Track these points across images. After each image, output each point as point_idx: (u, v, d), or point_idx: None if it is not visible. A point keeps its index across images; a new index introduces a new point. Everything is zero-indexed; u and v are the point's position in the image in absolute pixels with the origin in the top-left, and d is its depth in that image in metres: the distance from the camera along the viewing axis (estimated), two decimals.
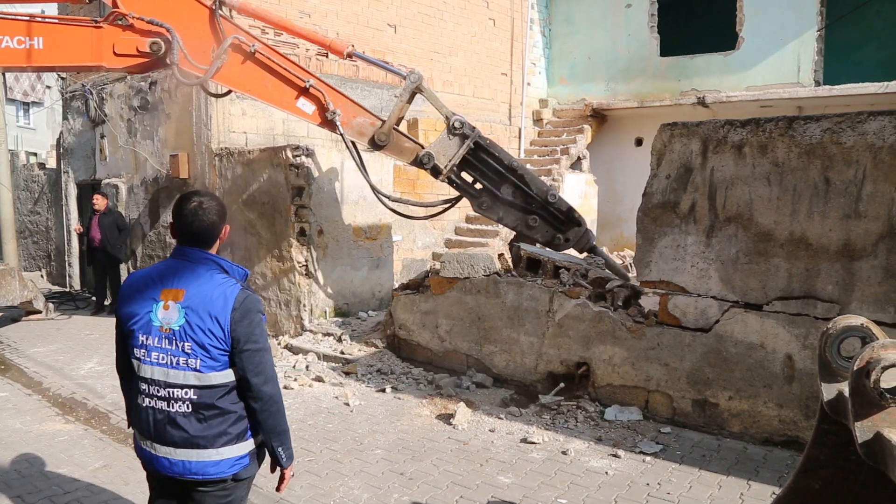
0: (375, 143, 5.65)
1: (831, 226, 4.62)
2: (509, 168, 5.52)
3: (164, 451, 2.43)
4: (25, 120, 32.18)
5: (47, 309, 10.20)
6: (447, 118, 5.46)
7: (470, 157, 5.54)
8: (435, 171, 5.61)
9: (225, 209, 2.62)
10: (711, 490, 4.28)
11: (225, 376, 2.42)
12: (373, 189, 5.83)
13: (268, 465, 2.67)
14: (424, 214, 7.93)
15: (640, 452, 4.83)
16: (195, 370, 2.38)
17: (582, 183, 12.65)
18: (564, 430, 5.30)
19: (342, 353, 7.31)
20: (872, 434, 1.82)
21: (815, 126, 4.66)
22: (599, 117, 14.12)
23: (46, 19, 5.03)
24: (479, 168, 5.60)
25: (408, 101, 5.70)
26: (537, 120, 14.48)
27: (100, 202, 10.25)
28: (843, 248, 4.58)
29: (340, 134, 5.52)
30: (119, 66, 4.99)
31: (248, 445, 2.51)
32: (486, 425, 5.42)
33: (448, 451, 4.97)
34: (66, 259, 12.88)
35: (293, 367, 7.12)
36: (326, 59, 9.91)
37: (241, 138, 9.32)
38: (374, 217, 8.79)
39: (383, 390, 6.29)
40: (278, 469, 2.62)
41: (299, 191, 8.05)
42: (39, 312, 10.05)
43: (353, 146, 5.82)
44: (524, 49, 13.96)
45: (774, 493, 3.92)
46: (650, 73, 13.56)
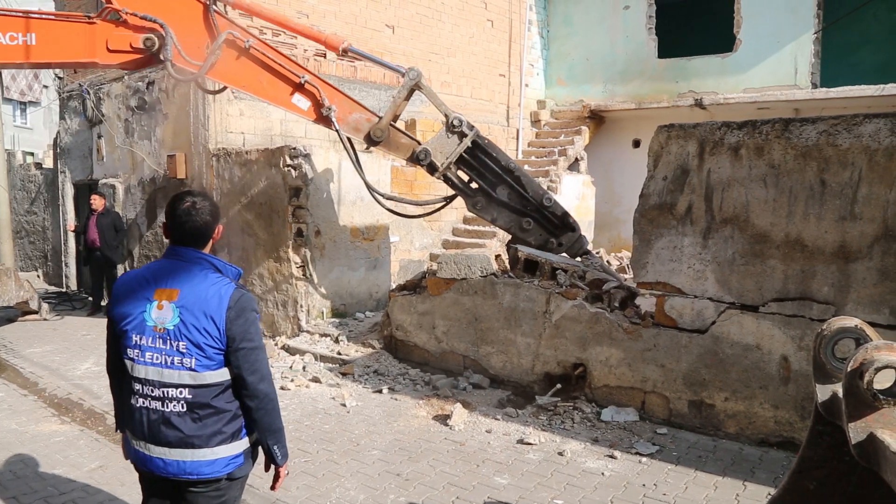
0: (371, 139, 5.62)
1: (827, 227, 4.63)
2: (506, 169, 5.51)
3: (159, 452, 2.43)
4: (22, 119, 32.10)
5: (43, 309, 10.19)
6: (446, 116, 5.44)
7: (467, 156, 5.53)
8: (431, 167, 5.59)
9: (218, 209, 2.63)
10: (707, 491, 4.29)
11: (220, 375, 2.42)
12: (368, 187, 5.81)
13: (262, 466, 2.67)
14: (420, 213, 7.92)
15: (637, 453, 4.84)
16: (190, 369, 2.38)
17: (579, 184, 12.67)
18: (561, 430, 5.30)
19: (339, 353, 7.31)
20: (866, 435, 1.82)
21: (811, 128, 4.67)
22: (597, 119, 14.15)
23: (41, 15, 4.97)
24: (475, 167, 5.59)
25: (406, 99, 5.67)
26: (535, 121, 14.50)
27: (98, 202, 10.24)
28: (838, 249, 4.59)
29: (336, 130, 5.49)
30: (113, 62, 4.95)
31: (242, 444, 2.52)
32: (483, 426, 5.43)
33: (444, 451, 4.97)
34: (63, 259, 12.86)
35: (290, 367, 7.11)
36: (324, 60, 9.92)
37: (239, 139, 9.31)
38: (372, 218, 8.79)
39: (380, 391, 6.29)
40: (273, 467, 2.63)
41: (297, 191, 8.05)
42: (36, 313, 10.03)
43: (350, 143, 5.79)
44: (522, 50, 13.98)
45: (770, 494, 3.92)
46: (648, 75, 13.58)
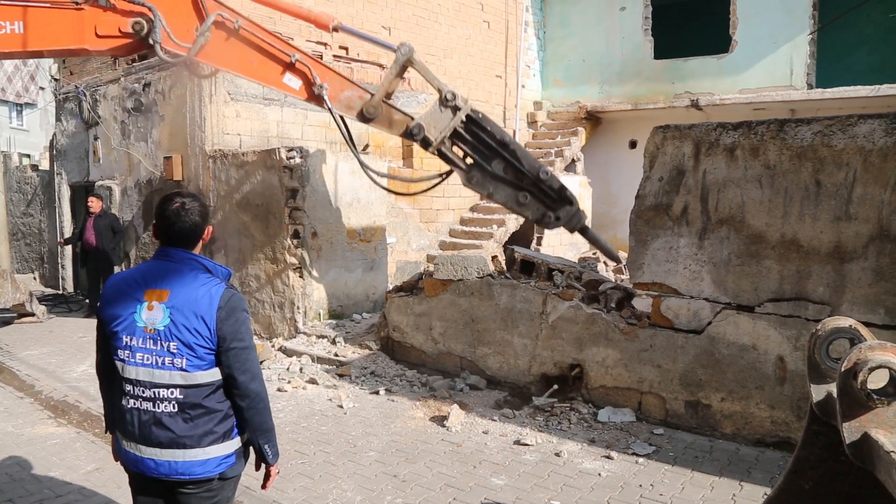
0: (364, 116, 5.58)
1: (822, 228, 4.64)
2: (501, 143, 5.46)
3: (150, 453, 2.43)
4: (18, 121, 32.06)
5: (40, 311, 10.16)
6: (439, 90, 5.41)
7: (461, 130, 5.50)
8: (425, 142, 5.54)
9: (208, 209, 2.63)
10: (704, 491, 4.30)
11: (211, 375, 2.43)
12: (361, 164, 5.77)
13: (256, 467, 2.68)
14: (415, 190, 7.83)
15: (633, 454, 4.84)
16: (181, 370, 2.39)
17: (576, 185, 12.67)
18: (558, 431, 5.30)
19: (336, 355, 7.31)
20: (860, 434, 1.83)
21: (806, 129, 4.69)
22: (594, 119, 14.17)
23: (27, 3, 4.89)
24: (470, 142, 5.53)
25: (398, 75, 5.63)
26: (532, 122, 14.52)
27: (95, 204, 10.22)
28: (833, 250, 4.61)
29: (328, 108, 5.45)
30: (102, 48, 4.87)
31: (234, 444, 2.52)
32: (480, 427, 5.43)
33: (441, 453, 4.97)
34: (60, 261, 12.83)
35: (287, 369, 7.11)
36: (322, 61, 9.91)
37: (236, 140, 9.30)
38: (369, 219, 8.80)
39: (377, 392, 6.29)
40: (263, 467, 2.64)
41: (293, 193, 8.05)
42: (32, 315, 10.00)
43: (343, 121, 5.76)
44: (519, 51, 14.00)
45: (766, 494, 3.93)
46: (644, 76, 13.61)
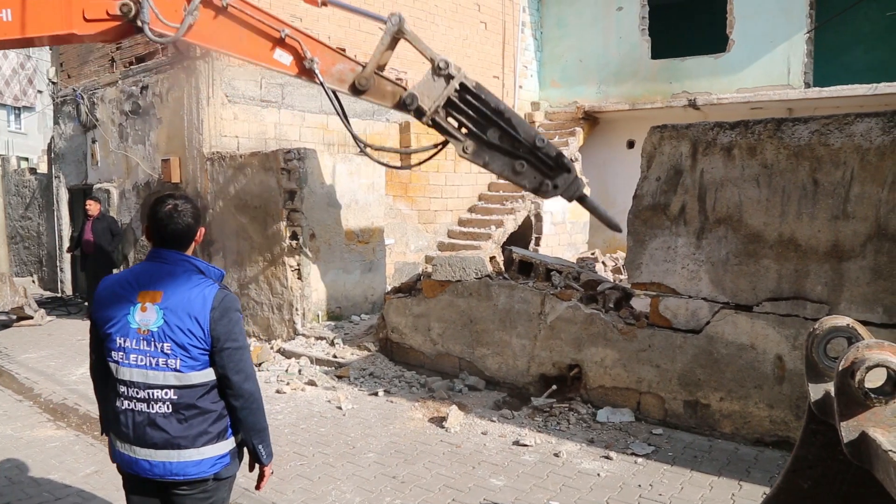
0: (356, 89, 5.53)
1: (820, 227, 4.64)
2: (496, 111, 5.40)
3: (144, 454, 2.43)
4: (17, 125, 32.05)
5: (39, 314, 10.15)
6: (432, 59, 5.37)
7: (455, 100, 5.46)
8: (418, 112, 5.49)
9: (200, 211, 2.64)
10: (703, 491, 4.30)
11: (205, 375, 2.44)
12: (354, 138, 5.73)
13: (250, 467, 2.69)
14: (410, 163, 7.77)
15: (632, 454, 4.84)
16: (175, 370, 2.40)
17: None
18: (557, 432, 5.30)
19: (335, 356, 7.30)
20: (858, 434, 1.83)
21: (804, 128, 4.69)
22: (591, 120, 14.16)
23: None
24: (464, 111, 5.47)
25: (389, 48, 5.58)
26: (529, 122, 14.49)
27: (93, 207, 10.20)
28: (831, 249, 4.61)
29: (320, 82, 5.40)
30: (91, 31, 4.84)
31: (228, 444, 2.53)
32: (479, 428, 5.43)
33: (440, 454, 4.97)
34: (58, 264, 12.82)
35: (286, 371, 7.10)
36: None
37: (233, 142, 9.30)
38: (367, 220, 8.79)
39: (376, 394, 6.29)
40: (257, 467, 2.65)
41: (291, 195, 8.05)
42: (31, 318, 10.00)
43: (335, 96, 5.72)
44: (516, 52, 13.99)
45: (765, 494, 3.93)
46: (641, 76, 13.61)
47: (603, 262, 11.79)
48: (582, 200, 5.95)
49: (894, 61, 11.94)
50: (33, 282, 13.82)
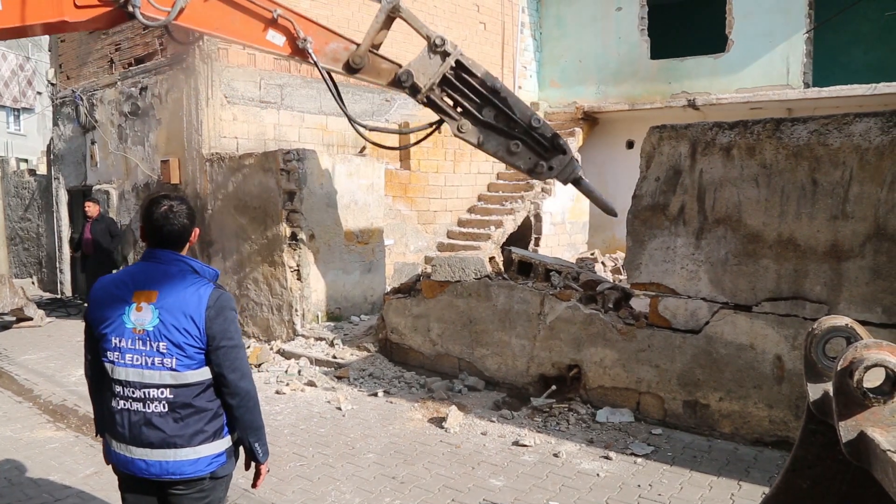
0: (351, 67, 5.49)
1: (819, 227, 4.65)
2: (492, 90, 5.35)
3: (140, 453, 2.44)
4: (16, 126, 32.04)
5: (38, 316, 10.15)
6: (428, 37, 5.33)
7: (451, 77, 5.41)
8: (413, 90, 5.44)
9: (194, 211, 2.66)
10: (702, 491, 4.30)
11: (201, 374, 2.45)
12: (349, 119, 5.70)
13: (246, 465, 2.70)
14: (404, 143, 7.70)
15: (632, 454, 4.84)
16: (171, 369, 2.41)
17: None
18: (556, 432, 5.30)
19: (334, 357, 7.30)
20: (856, 433, 1.83)
21: (803, 128, 4.69)
22: (590, 120, 14.16)
23: None
24: (460, 89, 5.42)
25: (384, 27, 5.54)
26: None
27: (92, 209, 10.20)
28: (830, 248, 4.61)
29: (314, 62, 5.36)
30: (82, 18, 4.79)
31: (224, 443, 2.54)
32: (478, 428, 5.43)
33: (440, 454, 4.97)
34: (58, 266, 12.82)
35: (285, 371, 7.10)
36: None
37: (233, 143, 9.30)
38: (366, 221, 8.80)
39: (375, 394, 6.29)
40: (253, 465, 2.66)
41: (290, 195, 8.05)
42: (30, 319, 9.99)
43: (329, 76, 5.68)
44: (515, 52, 14.01)
45: (765, 493, 3.93)
46: (641, 76, 13.61)
47: (602, 263, 11.79)
48: (577, 183, 5.89)
49: (893, 61, 11.96)
50: (33, 283, 13.82)
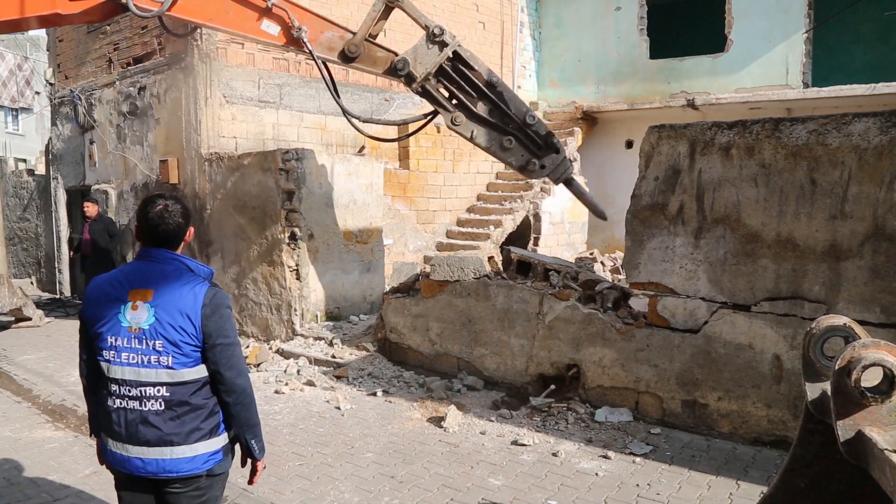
0: (346, 56, 5.46)
1: (818, 227, 4.65)
2: (488, 83, 5.33)
3: (137, 452, 2.45)
4: (14, 126, 32.02)
5: (37, 316, 10.15)
6: (426, 27, 5.31)
7: (447, 68, 5.39)
8: (409, 79, 5.41)
9: (189, 211, 2.67)
10: (701, 490, 4.30)
11: (197, 372, 2.46)
12: (344, 112, 5.67)
13: (242, 462, 2.71)
14: (397, 136, 7.63)
15: (631, 453, 4.85)
16: (167, 367, 2.42)
17: None
18: (555, 431, 5.31)
19: (333, 357, 7.30)
20: (854, 433, 1.84)
21: (801, 128, 4.69)
22: (590, 120, 14.17)
23: None
24: (456, 81, 5.39)
25: (382, 17, 5.50)
26: None
27: (91, 209, 10.20)
28: (829, 248, 4.61)
29: (309, 51, 5.33)
30: (75, 10, 4.76)
31: (221, 440, 2.55)
32: (477, 428, 5.43)
33: (439, 453, 4.97)
34: (57, 266, 12.82)
35: (284, 371, 7.10)
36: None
37: (231, 143, 9.30)
38: (365, 221, 8.80)
39: (374, 394, 6.29)
40: (250, 462, 2.67)
41: (289, 195, 8.05)
42: (29, 319, 9.99)
43: (325, 67, 5.64)
44: (514, 52, 14.00)
45: (763, 493, 3.94)
46: (640, 76, 13.61)
47: (601, 262, 11.80)
48: (569, 184, 5.87)
49: (892, 61, 11.96)
50: (31, 283, 13.81)
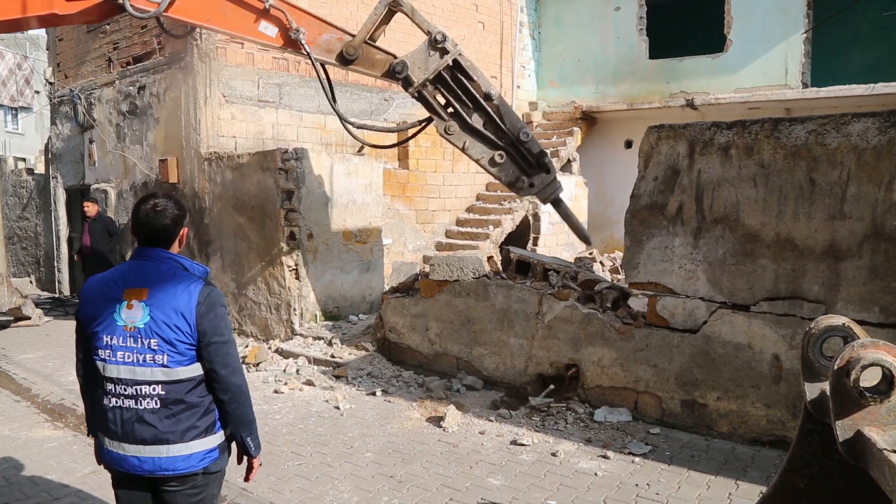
0: (344, 58, 5.44)
1: (817, 227, 4.65)
2: (485, 95, 5.32)
3: (133, 450, 2.46)
4: (14, 125, 32.00)
5: (37, 315, 10.14)
6: (429, 32, 5.30)
7: (446, 76, 5.39)
8: (406, 82, 5.40)
9: (183, 210, 2.65)
10: (700, 490, 4.30)
11: (192, 370, 2.47)
12: (340, 117, 5.65)
13: (238, 459, 2.72)
14: (391, 142, 7.69)
15: (630, 453, 4.85)
16: (162, 366, 2.42)
17: (572, 185, 12.69)
18: (554, 431, 5.31)
19: (333, 356, 7.30)
20: (853, 433, 1.84)
21: (801, 128, 4.70)
22: (589, 120, 14.17)
23: None
24: (453, 89, 5.39)
25: (383, 21, 5.48)
26: (527, 123, 14.49)
27: (91, 208, 10.18)
28: (828, 248, 4.62)
29: (306, 53, 5.31)
30: (72, 11, 4.73)
31: (216, 438, 2.56)
32: (476, 427, 5.43)
33: (438, 453, 4.97)
34: (56, 265, 12.81)
35: (283, 371, 7.10)
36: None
37: (231, 142, 9.30)
38: (364, 220, 8.80)
39: (374, 393, 6.29)
40: (245, 459, 2.68)
41: (289, 195, 8.05)
42: (28, 319, 9.99)
43: (323, 69, 5.62)
44: (514, 52, 14.01)
45: (762, 493, 3.94)
46: (639, 76, 13.62)
47: (601, 262, 11.80)
48: (556, 204, 5.86)
49: (891, 61, 11.97)
50: (31, 282, 13.81)
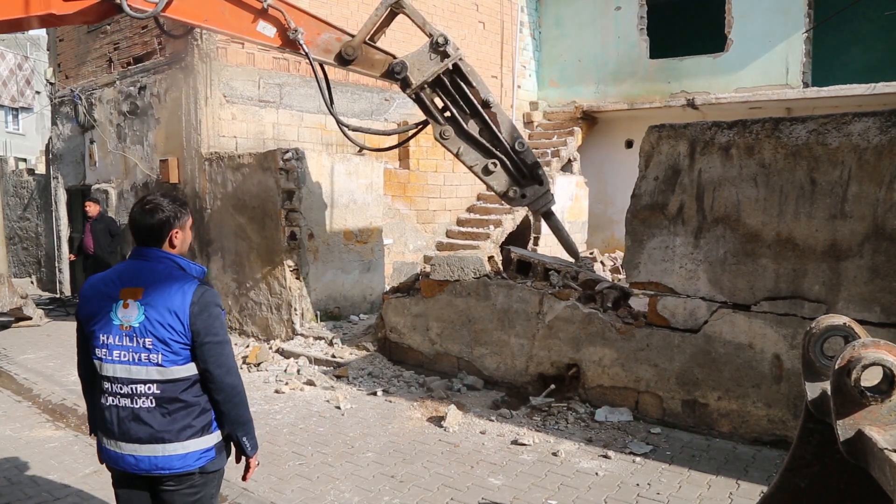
0: (343, 59, 5.43)
1: (818, 226, 4.65)
2: (483, 102, 5.31)
3: (129, 449, 2.47)
4: (14, 125, 32.01)
5: (38, 315, 10.15)
6: (430, 35, 5.29)
7: (445, 80, 5.38)
8: (405, 83, 5.38)
9: (178, 209, 2.62)
10: (701, 490, 4.30)
11: (187, 370, 2.48)
12: (337, 122, 5.65)
13: (237, 459, 2.72)
14: (388, 145, 7.71)
15: (631, 453, 4.85)
16: (157, 365, 2.43)
17: (573, 185, 12.70)
18: (555, 431, 5.31)
19: (333, 356, 7.31)
20: (854, 432, 1.84)
21: (801, 127, 4.69)
22: (590, 119, 14.17)
23: None
24: (451, 94, 5.38)
25: (385, 22, 5.47)
26: (528, 122, 14.52)
27: (92, 209, 10.18)
28: (829, 248, 4.62)
29: (305, 53, 5.30)
30: (69, 11, 4.73)
31: (213, 438, 2.56)
32: (477, 427, 5.43)
33: (439, 453, 4.97)
34: (57, 265, 12.82)
35: (284, 371, 7.10)
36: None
37: (231, 143, 9.30)
38: (365, 220, 8.80)
39: (374, 393, 6.29)
40: (243, 459, 2.68)
41: (289, 195, 8.05)
42: (30, 319, 9.99)
43: (322, 70, 5.61)
44: (514, 52, 14.00)
45: (763, 492, 3.94)
46: (640, 76, 13.61)
47: (601, 262, 11.81)
48: (547, 216, 5.86)
49: (892, 61, 11.97)
50: (32, 283, 13.82)
